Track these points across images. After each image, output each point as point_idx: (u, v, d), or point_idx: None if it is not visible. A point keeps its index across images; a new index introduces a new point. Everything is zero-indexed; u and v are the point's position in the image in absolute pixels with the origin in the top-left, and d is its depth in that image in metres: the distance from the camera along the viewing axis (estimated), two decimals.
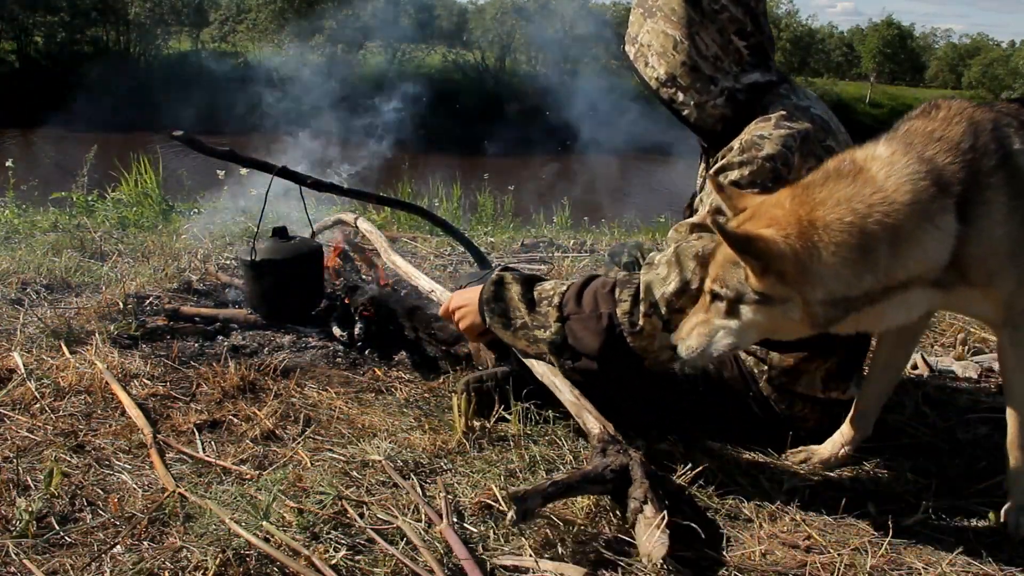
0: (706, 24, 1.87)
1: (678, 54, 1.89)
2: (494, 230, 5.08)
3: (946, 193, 1.50)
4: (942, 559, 1.61)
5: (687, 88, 1.91)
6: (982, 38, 53.34)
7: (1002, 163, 1.54)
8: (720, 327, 1.60)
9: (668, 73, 1.92)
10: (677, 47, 1.89)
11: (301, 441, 2.02)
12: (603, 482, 1.65)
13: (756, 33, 1.90)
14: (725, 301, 1.58)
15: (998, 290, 1.61)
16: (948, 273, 1.55)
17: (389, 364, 2.59)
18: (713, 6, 1.86)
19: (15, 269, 3.24)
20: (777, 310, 1.53)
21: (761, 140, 1.80)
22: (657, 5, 1.92)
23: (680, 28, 1.88)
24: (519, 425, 2.04)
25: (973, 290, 1.61)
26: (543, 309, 1.96)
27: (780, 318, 1.55)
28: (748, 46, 1.89)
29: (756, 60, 1.90)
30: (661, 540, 1.50)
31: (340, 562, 1.49)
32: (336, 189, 3.26)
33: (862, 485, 1.87)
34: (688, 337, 1.64)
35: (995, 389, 2.49)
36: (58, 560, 1.50)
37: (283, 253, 2.85)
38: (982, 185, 1.52)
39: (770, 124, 1.82)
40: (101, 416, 2.12)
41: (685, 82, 1.91)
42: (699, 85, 1.90)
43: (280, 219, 3.61)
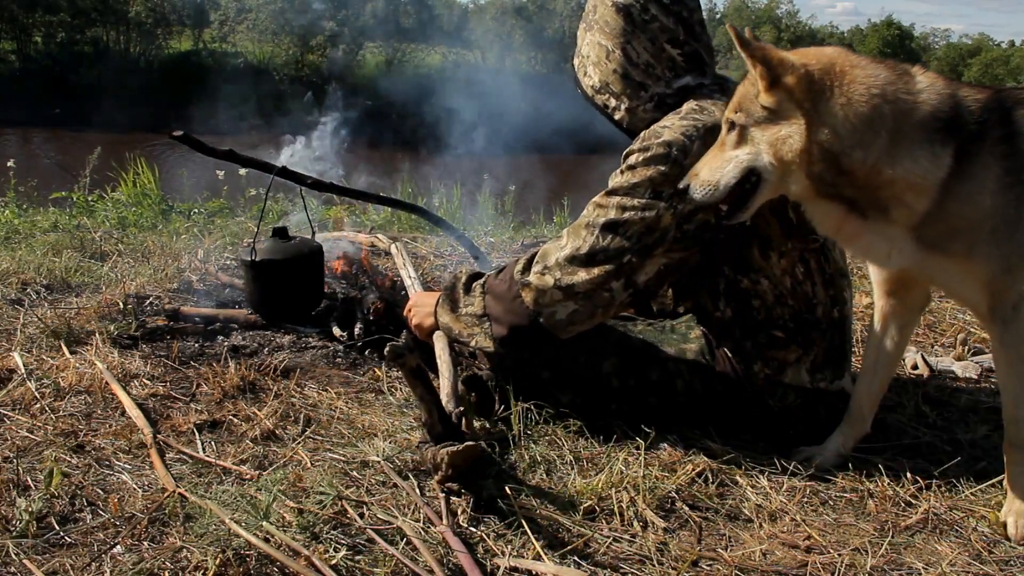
0: (637, 34, 1.97)
1: (610, 63, 2.01)
2: (494, 230, 5.08)
3: (954, 134, 1.59)
4: (942, 559, 1.61)
5: (619, 95, 2.02)
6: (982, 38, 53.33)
7: (1007, 138, 1.61)
8: (731, 157, 1.70)
9: (601, 81, 2.04)
10: (609, 56, 2.00)
11: (301, 441, 2.02)
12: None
13: (690, 41, 2.00)
14: (737, 128, 1.68)
15: (979, 268, 1.65)
16: (929, 227, 1.62)
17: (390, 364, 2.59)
18: (644, 16, 1.97)
19: (15, 269, 3.24)
20: (781, 131, 1.62)
21: (662, 129, 1.91)
22: (595, 19, 2.03)
23: (612, 38, 1.99)
24: (519, 425, 2.04)
25: (952, 261, 1.66)
26: (476, 290, 2.08)
27: (782, 144, 1.63)
28: (682, 54, 1.99)
29: (691, 66, 2.01)
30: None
31: (340, 562, 1.49)
32: (336, 189, 3.26)
33: (862, 485, 1.87)
34: (700, 173, 1.73)
35: (995, 389, 2.49)
36: (58, 560, 1.50)
37: (283, 253, 2.85)
38: (984, 149, 1.60)
39: (676, 116, 1.92)
40: (101, 416, 2.12)
41: (616, 89, 2.02)
42: (629, 91, 2.01)
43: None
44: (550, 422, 2.10)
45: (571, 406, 2.11)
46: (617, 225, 1.88)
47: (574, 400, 2.11)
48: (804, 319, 1.97)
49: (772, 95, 1.62)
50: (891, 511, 1.77)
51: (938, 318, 3.16)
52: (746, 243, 1.93)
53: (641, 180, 1.87)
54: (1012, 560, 1.62)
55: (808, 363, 1.99)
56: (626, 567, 1.55)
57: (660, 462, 1.92)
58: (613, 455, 1.92)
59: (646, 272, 1.90)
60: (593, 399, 2.09)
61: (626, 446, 1.98)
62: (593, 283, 1.90)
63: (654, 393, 2.05)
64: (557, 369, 2.09)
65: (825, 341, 2.00)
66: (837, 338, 2.03)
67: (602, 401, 2.08)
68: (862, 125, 1.58)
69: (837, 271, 2.04)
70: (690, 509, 1.76)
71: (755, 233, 1.92)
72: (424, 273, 3.63)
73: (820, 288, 1.99)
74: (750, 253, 1.94)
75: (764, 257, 1.94)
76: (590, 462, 1.93)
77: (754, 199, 1.73)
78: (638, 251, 1.88)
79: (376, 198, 3.57)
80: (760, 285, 1.95)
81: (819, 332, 1.99)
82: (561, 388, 2.11)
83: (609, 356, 2.07)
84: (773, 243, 1.94)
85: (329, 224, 4.54)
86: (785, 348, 1.98)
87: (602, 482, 1.79)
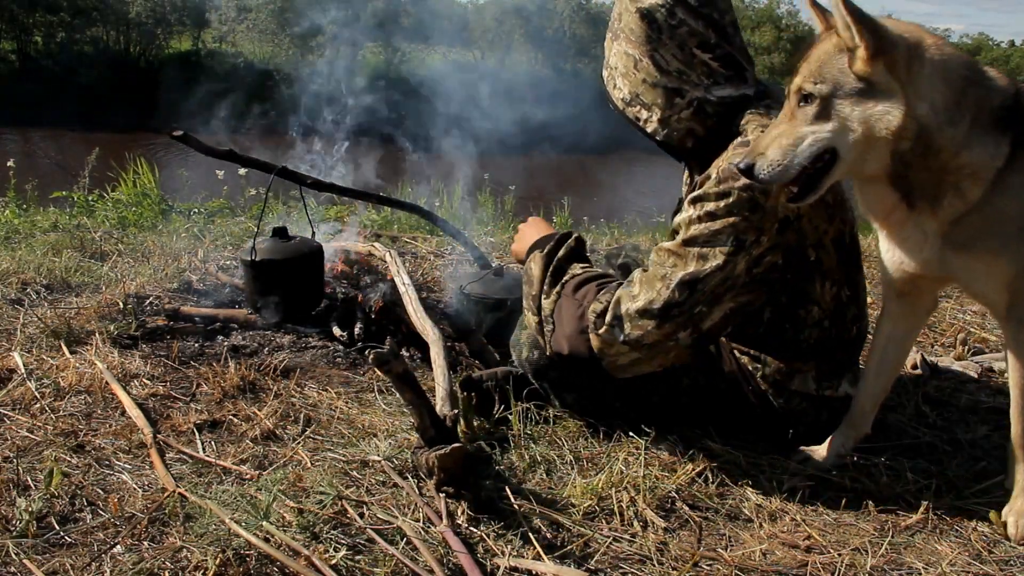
0: (664, 40, 1.86)
1: (639, 72, 1.90)
2: (494, 230, 5.07)
3: (1012, 125, 1.57)
4: (942, 559, 1.61)
5: (650, 105, 1.91)
6: (982, 38, 53.24)
7: None
8: (808, 132, 1.57)
9: (631, 92, 1.93)
10: (637, 65, 1.90)
11: (301, 441, 2.02)
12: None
13: (722, 44, 1.88)
14: (817, 100, 1.56)
15: (1005, 267, 1.62)
16: (965, 223, 1.59)
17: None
18: (670, 21, 1.85)
19: (15, 269, 3.24)
20: (878, 107, 1.53)
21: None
22: (620, 27, 1.93)
23: (639, 47, 1.89)
24: (519, 425, 2.04)
25: (978, 260, 1.63)
26: (556, 288, 2.01)
27: (878, 120, 1.53)
28: (715, 58, 1.87)
29: (729, 72, 1.89)
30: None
31: (340, 562, 1.49)
32: (336, 189, 3.26)
33: (862, 485, 1.86)
34: (767, 150, 1.60)
35: (995, 389, 2.49)
36: (58, 560, 1.50)
37: (283, 253, 2.85)
38: None
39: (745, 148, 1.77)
40: (101, 416, 2.12)
41: (647, 99, 1.91)
42: (661, 101, 1.89)
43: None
44: (550, 422, 2.10)
45: (575, 406, 2.11)
46: (696, 281, 1.78)
47: (579, 400, 2.10)
48: (826, 338, 1.93)
49: (873, 66, 1.51)
50: (891, 511, 1.77)
51: (938, 318, 3.16)
52: (809, 279, 1.86)
53: (723, 228, 1.75)
54: (1012, 560, 1.62)
55: (814, 371, 1.97)
56: (626, 567, 1.55)
57: (660, 462, 1.92)
58: (613, 455, 1.92)
59: (712, 319, 1.82)
60: (597, 398, 2.08)
61: (626, 446, 1.98)
62: (662, 335, 1.83)
63: (658, 391, 2.03)
64: (565, 369, 2.06)
65: (840, 356, 1.98)
66: (852, 352, 2.02)
67: (606, 399, 2.07)
68: (955, 103, 1.54)
69: (862, 285, 2.02)
70: (690, 509, 1.76)
71: (818, 268, 1.86)
72: (424, 273, 3.63)
73: (854, 307, 1.96)
74: (811, 287, 1.87)
75: (821, 288, 1.89)
76: (590, 462, 1.93)
77: (826, 179, 1.62)
78: (709, 302, 1.79)
79: (376, 198, 3.57)
80: (811, 313, 1.90)
81: (840, 348, 1.96)
82: (566, 388, 2.10)
83: None
84: (829, 274, 1.88)
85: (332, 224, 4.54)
86: (801, 360, 1.95)
87: (602, 482, 1.79)
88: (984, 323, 3.12)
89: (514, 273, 3.11)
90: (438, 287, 3.43)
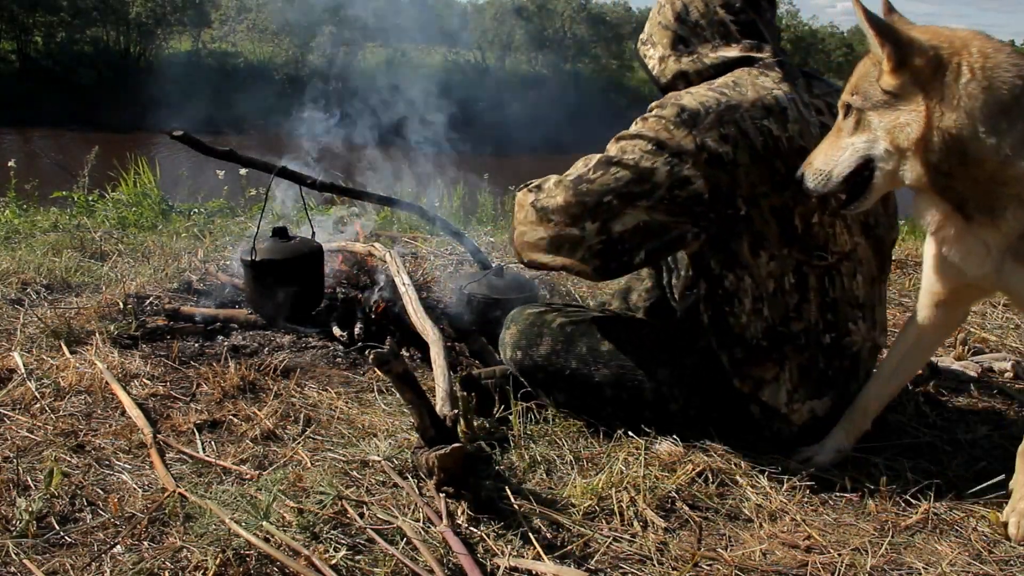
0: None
1: (658, 15, 2.04)
2: (494, 230, 5.07)
3: None
4: (942, 559, 1.61)
5: (656, 44, 2.04)
6: None
7: None
8: (847, 145, 1.63)
9: (648, 33, 2.08)
10: (660, 10, 2.04)
11: (301, 441, 2.02)
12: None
13: (747, 11, 1.96)
14: (854, 112, 1.61)
15: None
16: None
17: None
18: None
19: (15, 269, 3.24)
20: (900, 118, 1.54)
21: (685, 93, 1.89)
22: None
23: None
24: (519, 425, 2.04)
25: None
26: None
27: (899, 131, 1.55)
28: (736, 21, 1.96)
29: (746, 37, 1.96)
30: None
31: (340, 562, 1.49)
32: (336, 189, 3.26)
33: (862, 485, 1.86)
34: (814, 160, 1.68)
35: (995, 389, 2.49)
36: (58, 560, 1.50)
37: (283, 253, 2.85)
38: None
39: (707, 86, 1.90)
40: (101, 416, 2.12)
41: (656, 39, 2.04)
42: (666, 42, 2.02)
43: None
44: (550, 422, 2.10)
45: (567, 406, 2.11)
46: (611, 163, 1.85)
47: (569, 401, 2.10)
48: (778, 332, 1.90)
49: (896, 77, 1.53)
50: (891, 511, 1.77)
51: None
52: (736, 235, 1.86)
53: (647, 130, 1.86)
54: (1012, 560, 1.62)
55: (787, 382, 1.92)
56: (626, 567, 1.55)
57: (660, 462, 1.92)
58: (613, 455, 1.92)
59: (623, 223, 1.84)
60: (587, 403, 2.08)
61: (626, 446, 1.98)
62: (567, 212, 1.86)
63: (649, 408, 2.03)
64: (550, 371, 2.09)
65: (802, 358, 1.92)
66: (822, 362, 1.93)
67: (596, 406, 2.08)
68: (1001, 112, 1.49)
69: (846, 298, 1.93)
70: (690, 509, 1.76)
71: (749, 227, 1.85)
72: (424, 273, 3.63)
73: (813, 308, 1.90)
74: (739, 246, 1.86)
75: (753, 254, 1.87)
76: (590, 462, 1.93)
77: (871, 189, 1.64)
78: (621, 195, 1.83)
79: (377, 198, 3.57)
80: (743, 283, 1.88)
81: (794, 348, 1.90)
82: (556, 388, 2.11)
83: (601, 367, 2.04)
84: (767, 243, 1.86)
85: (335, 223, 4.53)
86: (761, 364, 1.92)
87: (602, 482, 1.79)
88: (984, 323, 3.12)
89: (514, 273, 3.11)
90: (438, 287, 3.43)
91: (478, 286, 2.78)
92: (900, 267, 3.92)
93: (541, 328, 2.12)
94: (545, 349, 2.09)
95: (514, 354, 2.14)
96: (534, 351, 2.10)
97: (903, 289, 3.54)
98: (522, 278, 3.01)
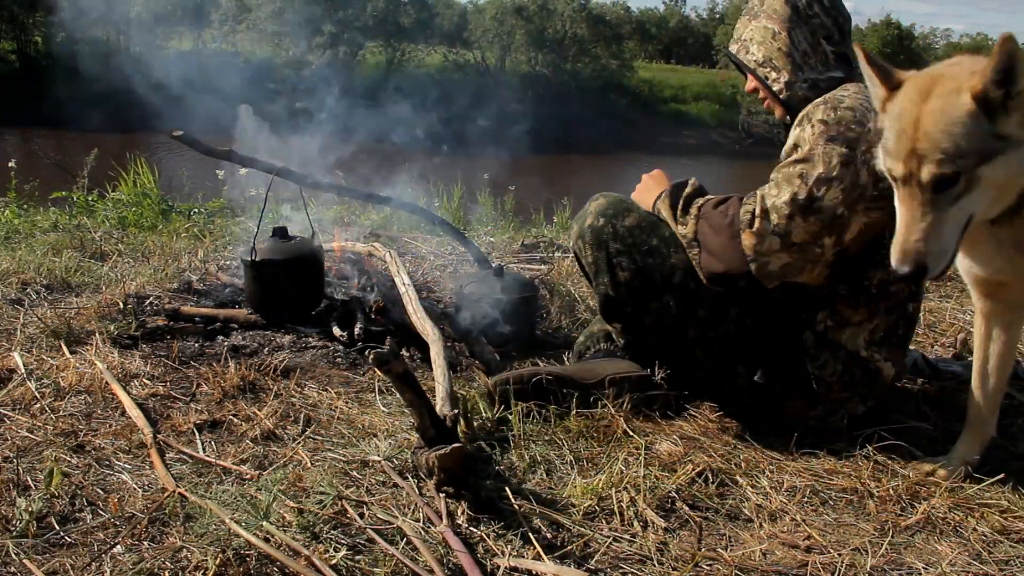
0: (800, 24, 2.15)
1: (775, 42, 2.18)
2: (494, 230, 5.08)
3: None
4: (942, 559, 1.61)
5: (780, 68, 2.18)
6: (982, 38, 53.23)
7: None
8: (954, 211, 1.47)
9: (765, 56, 2.20)
10: (775, 37, 2.18)
11: (301, 441, 2.02)
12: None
13: (841, 43, 2.16)
14: (962, 180, 1.44)
15: None
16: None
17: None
18: (808, 12, 2.16)
19: (15, 269, 3.24)
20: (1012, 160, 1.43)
21: (843, 96, 2.02)
22: (762, 8, 2.21)
23: (779, 23, 2.17)
24: (519, 425, 2.04)
25: None
26: (692, 212, 2.15)
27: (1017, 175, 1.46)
28: (834, 52, 2.16)
29: (840, 65, 2.16)
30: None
31: (340, 562, 1.49)
32: (336, 189, 3.26)
33: (862, 485, 1.87)
34: (926, 246, 1.48)
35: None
36: (58, 560, 1.50)
37: (283, 253, 2.85)
38: None
39: (846, 91, 2.05)
40: (101, 416, 2.12)
41: (779, 63, 2.18)
42: (790, 67, 2.17)
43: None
44: (550, 422, 2.11)
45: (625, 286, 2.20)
46: (830, 179, 1.94)
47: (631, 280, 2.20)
48: (885, 288, 2.06)
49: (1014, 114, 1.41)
50: (891, 511, 1.78)
51: (938, 318, 3.16)
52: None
53: (837, 135, 1.95)
54: (1012, 560, 1.62)
55: (867, 332, 2.08)
56: (626, 567, 1.55)
57: (660, 462, 1.92)
58: (613, 455, 1.93)
59: (851, 231, 1.97)
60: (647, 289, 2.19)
61: (626, 446, 1.98)
62: (809, 234, 1.97)
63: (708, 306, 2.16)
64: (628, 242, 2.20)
65: (890, 320, 2.10)
66: (903, 328, 2.14)
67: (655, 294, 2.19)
68: None
69: None
70: (690, 509, 1.76)
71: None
72: (424, 273, 3.63)
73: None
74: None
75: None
76: (590, 462, 1.93)
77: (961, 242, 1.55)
78: (848, 205, 1.94)
79: (377, 198, 3.58)
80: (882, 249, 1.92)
81: (887, 307, 2.08)
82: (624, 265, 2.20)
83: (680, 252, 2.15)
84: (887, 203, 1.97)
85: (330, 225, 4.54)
86: (855, 307, 2.07)
87: (602, 482, 1.80)
88: None
89: (514, 273, 3.11)
90: (438, 287, 3.43)
91: (478, 286, 2.78)
92: None
93: (631, 206, 2.27)
94: (631, 221, 2.22)
95: (596, 221, 2.24)
96: (619, 220, 2.22)
97: None
98: (522, 278, 3.01)
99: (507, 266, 3.08)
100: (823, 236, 1.96)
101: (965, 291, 3.51)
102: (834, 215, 1.95)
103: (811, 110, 2.03)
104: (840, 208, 1.94)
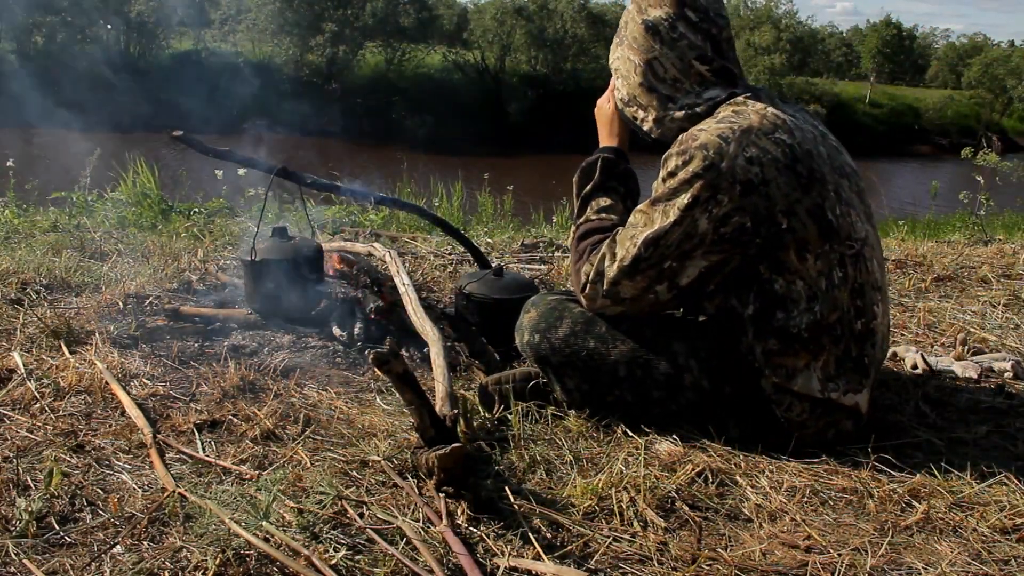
0: (665, 51, 2.02)
1: (637, 76, 2.06)
2: (493, 230, 5.08)
3: None
4: (942, 559, 1.61)
5: (645, 107, 2.08)
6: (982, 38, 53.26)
7: None
8: None
9: (629, 94, 2.10)
10: (636, 71, 2.06)
11: (301, 441, 2.02)
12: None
13: (718, 58, 2.03)
14: None
15: None
16: None
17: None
18: (672, 35, 2.01)
19: (15, 269, 3.24)
20: None
21: (699, 132, 1.92)
22: (625, 34, 2.09)
23: (640, 54, 2.05)
24: (519, 425, 2.04)
25: None
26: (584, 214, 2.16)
27: None
28: (711, 70, 2.02)
29: (720, 80, 2.03)
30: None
31: (340, 562, 1.49)
32: (336, 189, 3.26)
33: (862, 485, 1.87)
34: None
35: (995, 389, 2.49)
36: (58, 560, 1.50)
37: (283, 253, 2.85)
38: None
39: (713, 120, 1.96)
40: (101, 416, 2.12)
41: (643, 101, 2.07)
42: (656, 103, 2.05)
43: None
44: (550, 422, 2.10)
45: (576, 392, 2.12)
46: (659, 238, 1.91)
47: (580, 386, 2.11)
48: (818, 325, 1.92)
49: None
50: (891, 511, 1.77)
51: (938, 318, 3.16)
52: (782, 246, 1.90)
53: (680, 185, 1.89)
54: (1012, 560, 1.62)
55: (818, 370, 1.95)
56: (626, 567, 1.55)
57: (660, 462, 1.92)
58: (613, 455, 1.93)
59: (688, 275, 1.93)
60: (598, 386, 2.09)
61: (626, 446, 1.98)
62: (638, 289, 1.97)
63: (660, 387, 2.04)
64: (566, 353, 2.09)
65: (838, 349, 1.95)
66: (855, 350, 1.97)
67: (607, 388, 2.09)
68: None
69: (870, 282, 1.98)
70: (690, 509, 1.76)
71: (792, 236, 1.89)
72: (424, 273, 3.63)
73: (845, 295, 1.94)
74: (787, 256, 1.91)
75: (800, 260, 1.91)
76: (590, 462, 1.93)
77: None
78: (678, 256, 1.91)
79: (377, 198, 3.58)
80: (795, 286, 1.92)
81: (831, 339, 1.94)
82: (569, 373, 2.11)
83: (619, 344, 2.06)
84: (810, 246, 1.90)
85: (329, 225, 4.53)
86: (794, 355, 1.94)
87: (602, 482, 1.80)
88: (984, 323, 3.12)
89: (514, 273, 3.11)
90: (438, 287, 3.43)
91: (478, 286, 2.78)
92: (900, 267, 3.92)
93: (562, 312, 2.14)
94: (564, 331, 2.10)
95: (531, 337, 2.15)
96: (552, 333, 2.11)
97: (903, 289, 3.54)
98: (522, 278, 3.01)
99: (507, 266, 3.08)
100: (655, 286, 1.95)
101: (965, 291, 3.52)
102: (662, 269, 1.93)
103: (668, 155, 1.94)
104: (668, 262, 1.91)
